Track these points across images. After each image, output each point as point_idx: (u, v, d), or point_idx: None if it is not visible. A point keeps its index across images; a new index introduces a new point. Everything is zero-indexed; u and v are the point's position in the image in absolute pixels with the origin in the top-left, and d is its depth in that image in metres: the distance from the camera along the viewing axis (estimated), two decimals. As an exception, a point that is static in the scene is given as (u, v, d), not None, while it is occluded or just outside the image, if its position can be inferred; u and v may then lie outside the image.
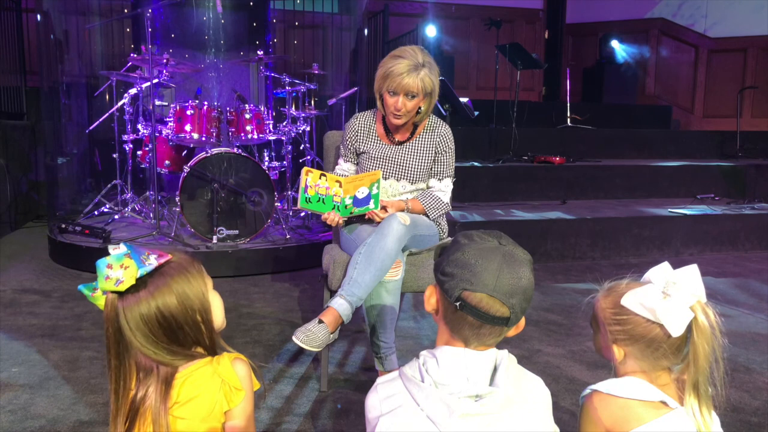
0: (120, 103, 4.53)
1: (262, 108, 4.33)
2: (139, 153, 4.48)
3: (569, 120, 6.64)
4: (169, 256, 1.13)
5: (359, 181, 2.24)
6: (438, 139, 2.37)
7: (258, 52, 4.60)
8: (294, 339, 1.91)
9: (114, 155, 4.60)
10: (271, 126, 4.37)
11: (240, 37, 5.43)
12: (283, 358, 2.49)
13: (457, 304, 1.05)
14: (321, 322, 1.94)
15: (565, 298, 3.38)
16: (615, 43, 7.45)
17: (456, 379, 1.04)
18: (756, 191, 5.39)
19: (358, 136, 2.38)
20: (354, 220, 2.28)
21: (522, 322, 1.11)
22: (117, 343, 1.11)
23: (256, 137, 4.19)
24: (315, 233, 4.20)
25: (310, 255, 3.85)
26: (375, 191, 2.18)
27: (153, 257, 1.11)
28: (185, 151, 4.32)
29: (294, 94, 4.62)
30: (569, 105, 6.72)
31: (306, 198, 2.21)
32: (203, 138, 4.04)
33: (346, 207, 2.23)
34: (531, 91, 8.13)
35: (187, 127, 4.01)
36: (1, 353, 2.47)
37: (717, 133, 6.60)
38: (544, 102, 8.09)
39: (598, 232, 4.28)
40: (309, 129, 4.77)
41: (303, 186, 2.23)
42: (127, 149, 4.47)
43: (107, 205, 4.49)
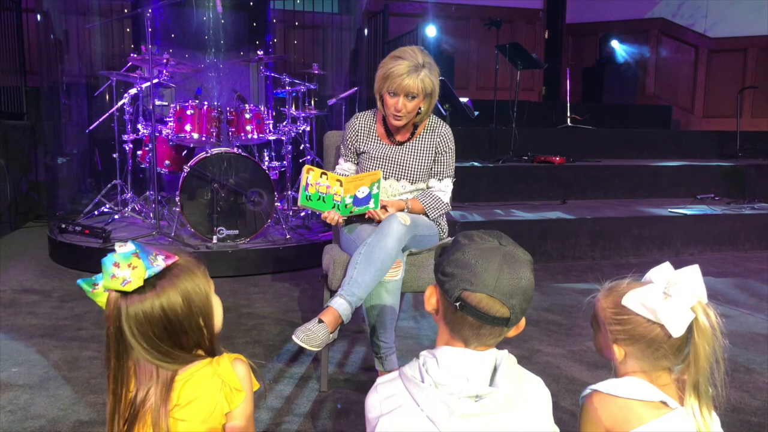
0: (120, 103, 4.52)
1: (262, 108, 4.33)
2: (139, 153, 4.48)
3: (569, 120, 6.64)
4: (176, 257, 1.12)
5: (360, 181, 2.24)
6: (438, 140, 2.36)
7: (258, 52, 4.60)
8: (294, 338, 1.91)
9: (114, 155, 4.60)
10: (271, 126, 4.37)
11: (240, 37, 5.43)
12: (283, 358, 2.49)
13: (457, 304, 1.05)
14: (321, 321, 1.94)
15: (565, 298, 3.38)
16: (615, 43, 7.45)
17: (456, 380, 1.04)
18: (756, 191, 5.39)
19: (358, 136, 2.39)
20: (354, 219, 2.28)
21: (522, 322, 1.11)
22: (117, 343, 1.09)
23: (256, 137, 4.20)
24: (315, 233, 4.20)
25: (310, 255, 3.85)
26: (375, 191, 2.18)
27: (161, 258, 1.09)
28: (185, 151, 4.32)
29: (294, 94, 4.62)
30: (569, 105, 6.72)
31: (306, 196, 2.22)
32: (203, 138, 4.04)
33: (346, 206, 2.23)
34: (531, 91, 8.13)
35: (187, 127, 4.01)
36: (1, 353, 2.47)
37: (717, 133, 6.60)
38: (544, 102, 8.09)
39: (598, 232, 4.28)
40: (309, 129, 4.77)
41: (304, 184, 2.24)
42: (127, 149, 4.47)
43: (107, 205, 4.49)
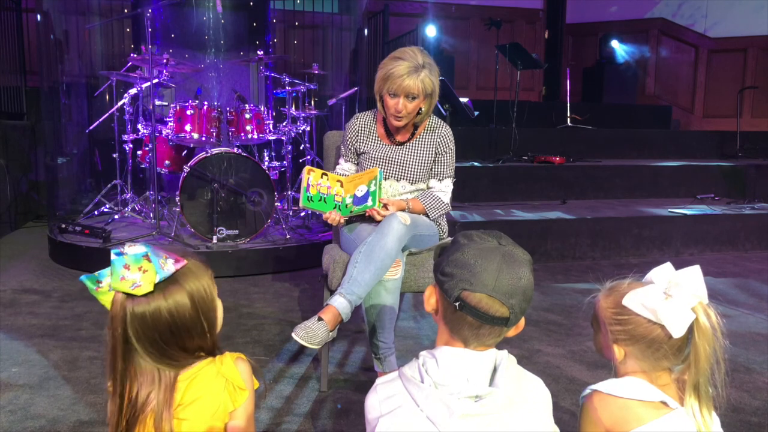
0: (120, 103, 4.52)
1: (262, 108, 4.33)
2: (139, 153, 4.48)
3: (569, 120, 6.63)
4: (185, 261, 1.12)
5: (358, 180, 2.24)
6: (438, 140, 2.36)
7: (258, 52, 4.60)
8: (293, 336, 1.92)
9: (114, 155, 4.60)
10: (271, 126, 4.37)
11: (240, 37, 5.43)
12: (283, 358, 2.49)
13: (457, 304, 1.05)
14: (320, 319, 1.94)
15: (565, 298, 3.38)
16: (615, 43, 7.45)
17: (456, 380, 1.04)
18: (756, 191, 5.39)
19: (358, 136, 2.38)
20: (354, 219, 2.28)
21: (522, 322, 1.11)
22: (124, 344, 1.08)
23: (256, 137, 4.19)
24: (315, 233, 4.20)
25: (310, 255, 3.85)
26: (373, 188, 2.17)
27: (170, 262, 1.09)
28: (185, 151, 4.32)
29: (294, 94, 4.62)
30: (569, 105, 6.71)
31: (308, 197, 2.21)
32: (203, 138, 4.04)
33: (346, 206, 2.23)
34: (531, 91, 8.13)
35: (187, 127, 4.01)
36: (1, 353, 2.47)
37: (717, 133, 6.60)
38: (544, 102, 8.09)
39: (598, 232, 4.28)
40: (309, 129, 4.77)
41: (305, 185, 2.23)
42: (127, 149, 4.47)
43: (107, 205, 4.49)
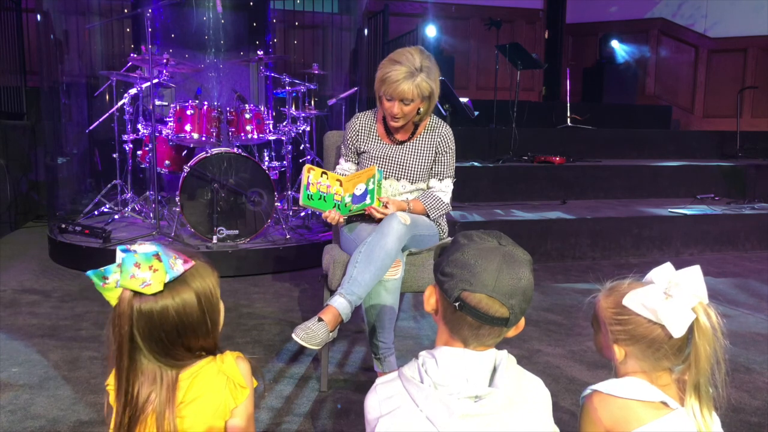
0: (120, 103, 4.52)
1: (262, 108, 4.33)
2: (139, 153, 4.48)
3: (569, 120, 6.63)
4: (193, 262, 1.13)
5: (357, 179, 2.23)
6: (438, 140, 2.36)
7: (258, 52, 4.60)
8: (294, 336, 1.92)
9: (114, 155, 4.60)
10: (271, 126, 4.37)
11: (240, 37, 5.43)
12: (283, 358, 2.49)
13: (457, 304, 1.05)
14: (321, 320, 1.94)
15: (565, 298, 3.38)
16: (615, 43, 7.45)
17: (455, 380, 1.04)
18: (756, 191, 5.39)
19: (359, 135, 2.38)
20: (354, 218, 2.27)
21: (521, 322, 1.11)
22: (131, 342, 1.08)
23: (256, 137, 4.19)
24: (315, 233, 4.20)
25: (310, 255, 3.85)
26: (371, 186, 2.17)
27: (180, 262, 1.10)
28: (185, 151, 4.32)
29: (294, 94, 4.62)
30: (569, 105, 6.71)
31: (308, 195, 2.21)
32: (203, 138, 4.04)
33: (345, 205, 2.22)
34: (531, 91, 8.13)
35: (187, 127, 4.01)
36: (1, 353, 2.47)
37: (717, 133, 6.59)
38: (544, 102, 8.09)
39: (598, 232, 4.28)
40: (309, 129, 4.77)
41: (305, 183, 2.22)
42: (127, 149, 4.47)
43: (107, 205, 4.49)
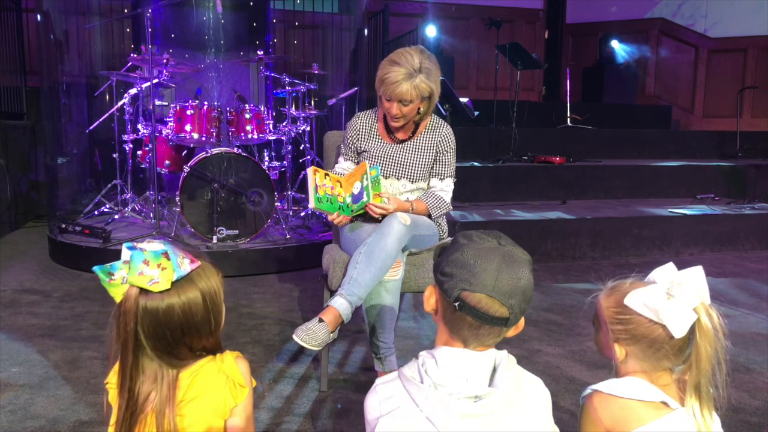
0: (120, 103, 4.52)
1: (262, 108, 4.33)
2: (139, 153, 4.48)
3: (569, 120, 6.63)
4: (199, 262, 1.14)
5: (353, 178, 2.22)
6: (439, 139, 2.37)
7: (258, 52, 4.60)
8: (294, 337, 1.92)
9: (114, 155, 4.60)
10: (271, 126, 4.37)
11: (240, 37, 5.43)
12: (283, 358, 2.49)
13: (456, 304, 1.05)
14: (321, 321, 1.94)
15: (565, 298, 3.38)
16: (615, 43, 7.45)
17: (455, 380, 1.04)
18: (756, 191, 5.39)
19: (360, 134, 2.38)
20: (358, 218, 2.27)
21: (521, 322, 1.11)
22: (135, 339, 1.08)
23: (256, 137, 4.19)
24: (315, 233, 4.20)
25: (310, 255, 3.85)
26: (366, 182, 2.16)
27: (187, 261, 1.11)
28: (185, 151, 4.32)
29: (294, 94, 4.62)
30: (569, 105, 6.71)
31: (317, 198, 2.15)
32: (203, 138, 4.04)
33: (348, 206, 2.22)
34: (531, 91, 8.13)
35: (187, 127, 4.01)
36: (1, 353, 2.47)
37: (717, 133, 6.59)
38: (544, 102, 8.09)
39: (598, 232, 4.27)
40: (309, 129, 4.76)
41: (313, 185, 2.15)
42: (127, 149, 4.47)
43: (107, 205, 4.49)
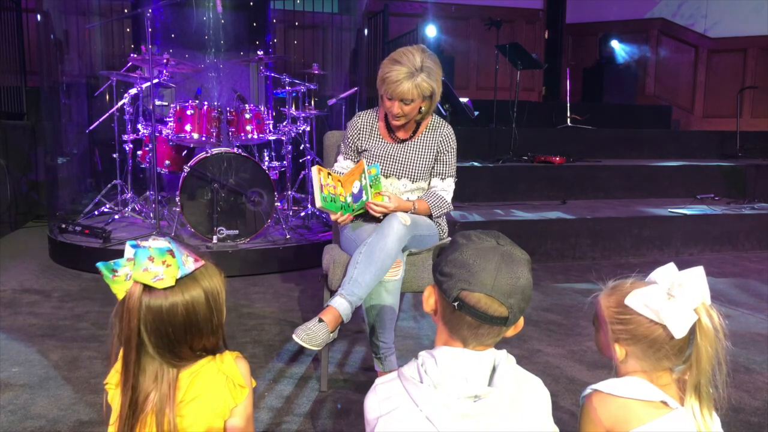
0: (120, 103, 4.52)
1: (262, 108, 4.33)
2: (139, 153, 4.48)
3: (569, 120, 6.63)
4: (203, 261, 1.14)
5: (352, 177, 2.22)
6: (440, 139, 2.37)
7: (258, 52, 4.59)
8: (294, 337, 1.92)
9: (114, 155, 4.60)
10: (271, 126, 4.37)
11: (240, 37, 5.43)
12: (283, 358, 2.49)
13: (456, 304, 1.05)
14: (321, 320, 1.95)
15: (565, 298, 3.38)
16: (615, 43, 7.45)
17: (455, 380, 1.04)
18: (756, 191, 5.39)
19: (361, 134, 2.38)
20: (358, 216, 2.27)
21: (521, 322, 1.11)
22: (138, 336, 1.08)
23: (256, 137, 4.19)
24: (315, 233, 4.20)
25: (310, 255, 3.85)
26: (364, 181, 2.16)
27: (191, 260, 1.11)
28: (185, 151, 4.32)
29: (294, 94, 4.62)
30: (569, 105, 6.71)
31: (323, 197, 2.13)
32: (203, 138, 4.04)
33: (349, 205, 2.22)
34: (531, 91, 8.13)
35: (187, 127, 4.01)
36: (1, 353, 2.47)
37: (717, 133, 6.59)
38: (544, 102, 8.09)
39: (598, 232, 4.27)
40: (309, 129, 4.76)
41: (318, 184, 2.14)
42: (127, 149, 4.47)
43: (107, 205, 4.49)
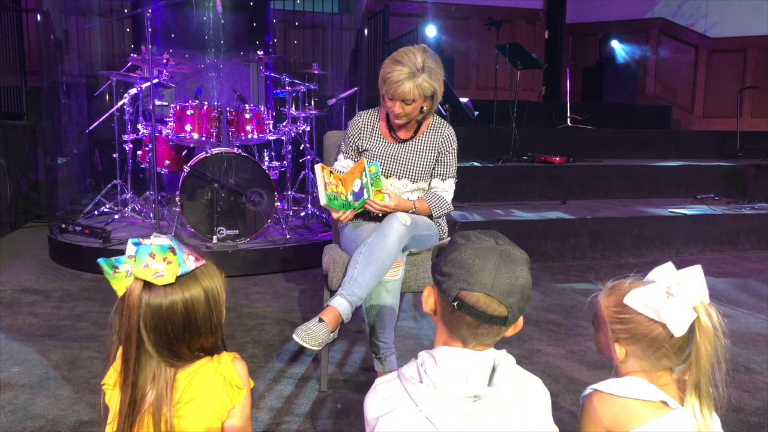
0: (120, 103, 4.52)
1: (262, 108, 4.33)
2: (139, 153, 4.48)
3: (569, 120, 6.63)
4: (204, 261, 1.14)
5: (352, 175, 2.22)
6: (441, 140, 2.37)
7: (258, 52, 4.59)
8: (294, 337, 1.92)
9: (114, 155, 4.60)
10: (271, 126, 4.37)
11: (240, 37, 5.43)
12: (283, 358, 2.49)
13: (455, 304, 1.05)
14: (321, 320, 1.95)
15: (565, 298, 3.38)
16: (615, 43, 7.45)
17: (454, 380, 1.04)
18: (756, 191, 5.39)
19: (362, 133, 2.38)
20: (359, 216, 2.26)
21: (520, 321, 1.11)
22: (139, 333, 1.08)
23: (256, 137, 4.19)
24: (315, 233, 4.20)
25: (310, 255, 3.85)
26: (365, 179, 2.15)
27: (192, 258, 1.11)
28: (185, 151, 4.32)
29: (294, 94, 4.62)
30: (569, 105, 6.71)
31: (327, 195, 2.12)
32: (203, 138, 4.04)
33: (350, 204, 2.22)
34: (531, 91, 8.13)
35: (187, 127, 4.01)
36: (1, 353, 2.47)
37: (717, 133, 6.59)
38: (544, 102, 8.09)
39: (598, 232, 4.27)
40: (309, 129, 4.76)
41: (322, 183, 2.13)
42: (127, 149, 4.47)
43: (107, 205, 4.49)
